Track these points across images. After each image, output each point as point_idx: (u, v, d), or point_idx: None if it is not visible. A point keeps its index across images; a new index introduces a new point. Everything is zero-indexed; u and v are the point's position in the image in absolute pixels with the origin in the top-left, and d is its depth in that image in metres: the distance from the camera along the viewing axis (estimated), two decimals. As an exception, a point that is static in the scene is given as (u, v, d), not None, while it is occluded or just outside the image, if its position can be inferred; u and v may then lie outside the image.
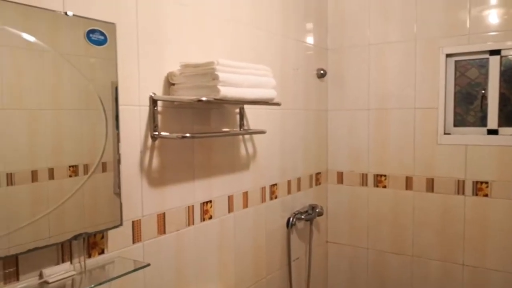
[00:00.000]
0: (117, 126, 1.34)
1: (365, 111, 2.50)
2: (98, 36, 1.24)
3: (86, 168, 1.27)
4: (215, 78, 1.43)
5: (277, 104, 1.76)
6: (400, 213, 2.45)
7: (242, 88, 1.52)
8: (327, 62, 2.60)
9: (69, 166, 1.24)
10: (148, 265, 1.36)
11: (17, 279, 1.14)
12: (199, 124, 1.68)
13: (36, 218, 1.14)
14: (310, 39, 2.44)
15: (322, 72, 2.50)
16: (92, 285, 1.21)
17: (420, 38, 2.32)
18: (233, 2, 1.85)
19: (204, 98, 1.41)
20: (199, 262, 1.73)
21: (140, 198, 1.47)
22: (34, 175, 1.15)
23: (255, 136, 2.01)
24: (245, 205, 1.98)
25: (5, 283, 1.11)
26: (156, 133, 1.49)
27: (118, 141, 1.35)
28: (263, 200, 2.10)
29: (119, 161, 1.34)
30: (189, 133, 1.54)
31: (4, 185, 1.09)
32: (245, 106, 1.89)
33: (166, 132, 1.52)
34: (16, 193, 1.12)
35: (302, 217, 2.34)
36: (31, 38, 1.11)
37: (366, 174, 2.53)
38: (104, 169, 1.32)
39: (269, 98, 1.67)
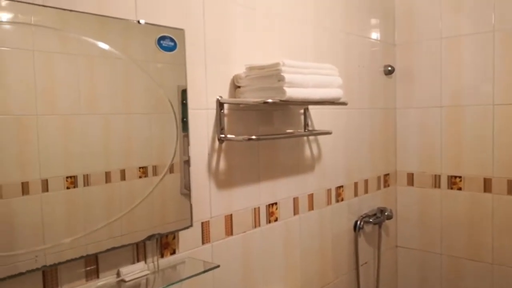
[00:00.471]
0: (183, 129, 1.37)
1: (437, 108, 2.37)
2: (168, 42, 1.27)
3: (154, 169, 1.31)
4: (281, 79, 1.42)
5: (344, 103, 1.71)
6: (477, 217, 2.28)
7: (307, 89, 1.50)
8: (395, 58, 2.49)
9: (139, 168, 1.28)
10: (218, 266, 1.37)
11: (97, 277, 1.20)
12: (263, 125, 1.68)
13: (112, 219, 1.20)
14: (375, 35, 2.36)
15: (389, 68, 2.40)
16: (165, 285, 1.25)
17: (499, 29, 2.15)
18: (296, 2, 1.83)
19: (270, 100, 1.40)
20: (266, 264, 1.73)
21: (208, 200, 1.49)
22: (107, 176, 1.21)
23: (320, 137, 1.97)
24: (311, 207, 1.95)
25: (87, 280, 1.18)
26: (223, 135, 1.50)
27: (188, 144, 1.38)
28: (328, 202, 2.05)
29: (188, 163, 1.37)
30: (255, 135, 1.54)
31: (81, 185, 1.15)
32: (310, 106, 1.86)
33: (232, 134, 1.53)
34: (91, 193, 1.17)
35: (370, 220, 2.26)
36: (105, 46, 1.17)
37: (439, 176, 2.39)
38: (171, 171, 1.35)
39: (335, 97, 1.63)
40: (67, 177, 1.11)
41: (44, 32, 1.06)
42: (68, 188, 1.12)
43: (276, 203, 1.76)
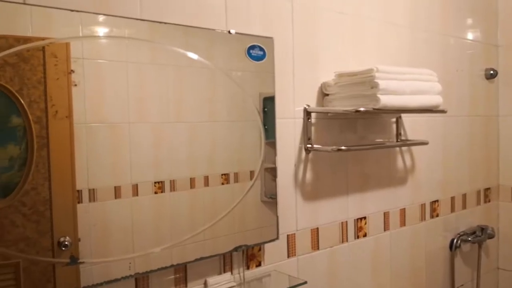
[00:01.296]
0: (266, 137, 1.34)
1: (548, 116, 2.10)
2: (258, 51, 1.25)
3: (236, 176, 1.30)
4: (374, 86, 1.33)
5: (443, 111, 1.57)
6: None
7: (403, 96, 1.39)
8: (498, 61, 2.25)
9: (222, 174, 1.28)
10: (305, 282, 1.32)
11: (185, 286, 1.21)
12: (352, 135, 1.60)
13: (200, 230, 1.20)
14: (475, 36, 2.15)
15: (491, 72, 2.18)
16: (252, 300, 1.22)
17: None
18: (389, 4, 1.72)
19: (362, 109, 1.32)
20: (353, 282, 1.63)
21: (294, 212, 1.44)
22: (192, 182, 1.22)
23: (413, 147, 1.83)
24: (402, 223, 1.81)
25: (175, 288, 1.19)
26: (310, 145, 1.45)
27: (274, 154, 1.34)
28: (422, 218, 1.90)
29: (272, 172, 1.34)
30: (343, 145, 1.46)
31: (168, 190, 1.17)
32: (403, 114, 1.73)
33: (319, 144, 1.47)
34: (177, 198, 1.19)
35: (469, 239, 2.05)
36: (194, 56, 1.18)
37: (551, 191, 2.11)
38: (251, 178, 1.33)
39: (434, 105, 1.49)
40: (155, 182, 1.14)
41: (137, 44, 1.10)
42: (156, 193, 1.15)
43: (365, 218, 1.66)
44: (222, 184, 1.28)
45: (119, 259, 1.06)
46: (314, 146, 1.45)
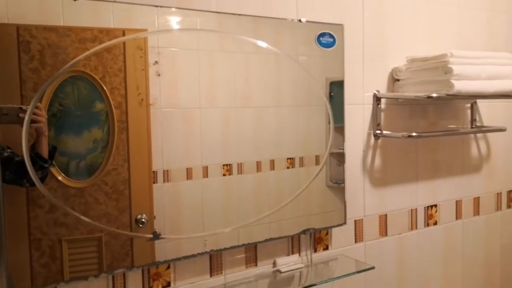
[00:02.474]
0: (333, 122, 1.34)
1: None
2: (328, 38, 1.26)
3: (301, 160, 1.33)
4: (448, 71, 1.29)
5: (524, 96, 1.48)
6: None
7: (479, 81, 1.34)
8: None
9: (287, 158, 1.31)
10: (373, 268, 1.33)
11: (256, 265, 1.27)
12: (424, 121, 1.56)
13: (268, 212, 1.25)
14: None
15: None
16: (319, 282, 1.26)
17: None
18: (465, -17, 1.64)
19: (434, 95, 1.29)
20: (422, 270, 1.61)
21: (362, 198, 1.45)
22: (258, 166, 1.26)
23: (489, 134, 1.75)
24: (476, 212, 1.75)
25: (246, 266, 1.25)
26: (379, 131, 1.44)
27: (343, 140, 1.36)
28: (498, 207, 1.82)
29: (339, 157, 1.35)
30: (414, 132, 1.44)
31: (235, 173, 1.22)
32: (478, 100, 1.66)
33: (389, 130, 1.46)
34: (244, 181, 1.24)
35: (551, 231, 1.93)
36: (263, 44, 1.21)
37: None
38: (317, 162, 1.35)
39: (512, 90, 1.42)
40: (223, 165, 1.20)
41: (208, 34, 1.15)
42: (224, 175, 1.21)
43: (435, 205, 1.63)
44: (288, 168, 1.31)
45: (193, 236, 1.13)
46: (384, 132, 1.44)
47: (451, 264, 1.69)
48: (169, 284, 1.14)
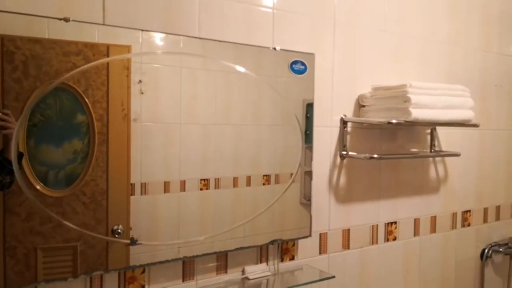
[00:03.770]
0: (306, 141, 1.45)
1: None
2: (300, 66, 1.38)
3: (277, 178, 1.41)
4: (407, 100, 1.43)
5: (475, 125, 1.64)
6: None
7: (435, 110, 1.48)
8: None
9: (263, 175, 1.39)
10: (333, 277, 1.43)
11: (226, 272, 1.35)
12: (387, 144, 1.69)
13: (241, 222, 1.33)
14: (517, 51, 2.17)
15: (533, 87, 2.18)
16: (284, 288, 1.36)
17: None
18: (429, 22, 1.80)
19: (394, 121, 1.42)
20: (382, 282, 1.72)
21: (327, 213, 1.56)
22: (235, 181, 1.33)
23: (448, 158, 1.90)
24: (433, 230, 1.88)
25: (217, 273, 1.34)
26: (345, 152, 1.56)
27: (311, 158, 1.47)
28: (453, 226, 1.96)
29: (309, 175, 1.46)
30: (377, 154, 1.56)
31: (213, 188, 1.29)
32: (437, 127, 1.81)
33: (354, 151, 1.58)
34: (221, 196, 1.31)
35: (501, 250, 2.08)
36: (241, 69, 1.30)
37: None
38: (293, 180, 1.44)
39: (465, 119, 1.57)
40: (201, 179, 1.26)
41: (190, 57, 1.23)
42: (201, 189, 1.27)
43: (395, 222, 1.75)
44: (264, 184, 1.39)
45: (168, 243, 1.21)
46: (349, 153, 1.57)
47: (410, 277, 1.81)
48: (143, 287, 1.21)
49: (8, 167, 0.97)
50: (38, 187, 1.03)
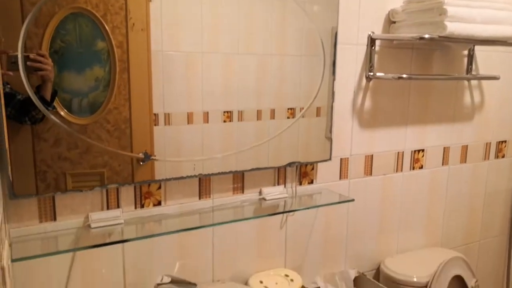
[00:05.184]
0: (333, 72, 1.37)
1: None
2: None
3: (302, 111, 1.36)
4: (442, 13, 1.29)
5: (518, 44, 1.48)
6: None
7: (473, 24, 1.34)
8: None
9: (288, 109, 1.34)
10: (353, 200, 1.40)
11: (242, 192, 1.34)
12: (418, 66, 1.58)
13: (258, 143, 1.30)
14: None
15: None
16: (301, 208, 1.34)
17: None
18: None
19: (426, 36, 1.30)
20: (404, 210, 1.69)
21: (349, 138, 1.50)
22: (259, 114, 1.30)
23: (484, 83, 1.76)
24: (463, 159, 1.80)
25: (233, 193, 1.33)
26: (371, 73, 1.46)
27: (334, 79, 1.38)
28: (485, 157, 1.86)
29: (332, 98, 1.39)
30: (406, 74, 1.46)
31: (236, 120, 1.26)
32: (476, 47, 1.66)
33: (381, 72, 1.48)
34: (244, 128, 1.28)
35: (536, 183, 1.98)
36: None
37: None
38: (318, 114, 1.39)
39: (507, 36, 1.42)
40: (224, 111, 1.24)
41: None
42: (224, 121, 1.25)
43: (423, 150, 1.68)
44: (288, 118, 1.34)
45: (184, 160, 1.19)
46: (376, 74, 1.47)
47: (434, 205, 1.76)
48: (160, 203, 1.22)
49: (43, 105, 0.98)
50: (62, 113, 1.03)
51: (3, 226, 0.94)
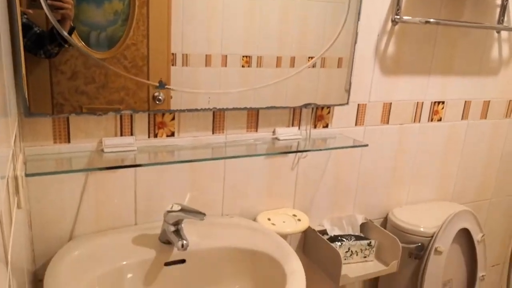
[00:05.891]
0: (359, 12, 1.31)
1: None
2: None
3: (323, 61, 1.32)
4: (481, -49, 1.21)
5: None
6: None
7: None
8: None
9: (309, 57, 1.30)
10: (367, 145, 1.38)
11: (256, 131, 1.33)
12: (448, 12, 1.50)
13: (275, 81, 1.27)
14: None
15: None
16: (314, 149, 1.33)
17: None
18: None
19: (461, -24, 1.22)
20: (418, 162, 1.67)
21: (369, 83, 1.46)
22: (278, 61, 1.26)
23: (515, 37, 1.68)
24: (484, 115, 1.75)
25: (247, 131, 1.32)
26: (398, 16, 1.40)
27: (358, 19, 1.33)
28: (507, 114, 1.81)
29: (355, 39, 1.34)
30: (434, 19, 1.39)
31: (254, 66, 1.23)
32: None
33: (409, 16, 1.42)
34: (262, 74, 1.25)
35: (556, 145, 1.93)
36: None
37: None
38: (339, 65, 1.35)
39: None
40: (243, 56, 1.20)
41: None
42: (243, 66, 1.22)
43: (443, 102, 1.63)
44: (308, 67, 1.30)
45: (199, 91, 1.17)
46: (403, 17, 1.40)
47: (449, 160, 1.74)
48: (173, 134, 1.22)
49: (59, 40, 0.98)
50: (80, 45, 1.01)
51: (18, 143, 0.95)
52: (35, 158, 1.05)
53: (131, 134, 1.16)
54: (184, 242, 1.08)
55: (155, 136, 1.19)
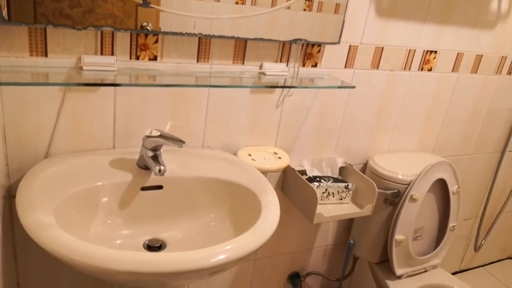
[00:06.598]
0: None
1: None
2: None
3: (320, 5, 1.27)
4: None
5: None
6: None
7: None
8: None
9: (306, 0, 1.25)
10: (354, 87, 1.36)
11: (243, 63, 1.30)
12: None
13: (268, 10, 1.22)
14: None
15: None
16: (301, 86, 1.31)
17: None
18: None
19: None
20: (404, 110, 1.66)
21: (363, 25, 1.42)
22: (273, 1, 1.21)
23: (517, -11, 1.63)
24: (475, 70, 1.73)
25: (233, 62, 1.28)
26: (399, -46, 1.34)
27: (357, -48, 1.26)
28: (498, 71, 1.79)
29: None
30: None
31: (249, 4, 1.19)
32: None
33: (411, -44, 1.36)
34: (256, 12, 1.21)
35: (542, 106, 1.94)
36: None
37: None
38: (336, 11, 1.30)
39: None
40: None
41: None
42: (237, 3, 1.17)
43: (435, 52, 1.60)
44: (304, 10, 1.26)
45: (185, 14, 1.12)
46: (404, -43, 1.34)
47: (434, 111, 1.73)
48: (156, 58, 1.18)
49: None
50: None
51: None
52: (10, 69, 1.01)
53: (112, 54, 1.12)
54: (162, 167, 1.07)
55: (137, 58, 1.15)
